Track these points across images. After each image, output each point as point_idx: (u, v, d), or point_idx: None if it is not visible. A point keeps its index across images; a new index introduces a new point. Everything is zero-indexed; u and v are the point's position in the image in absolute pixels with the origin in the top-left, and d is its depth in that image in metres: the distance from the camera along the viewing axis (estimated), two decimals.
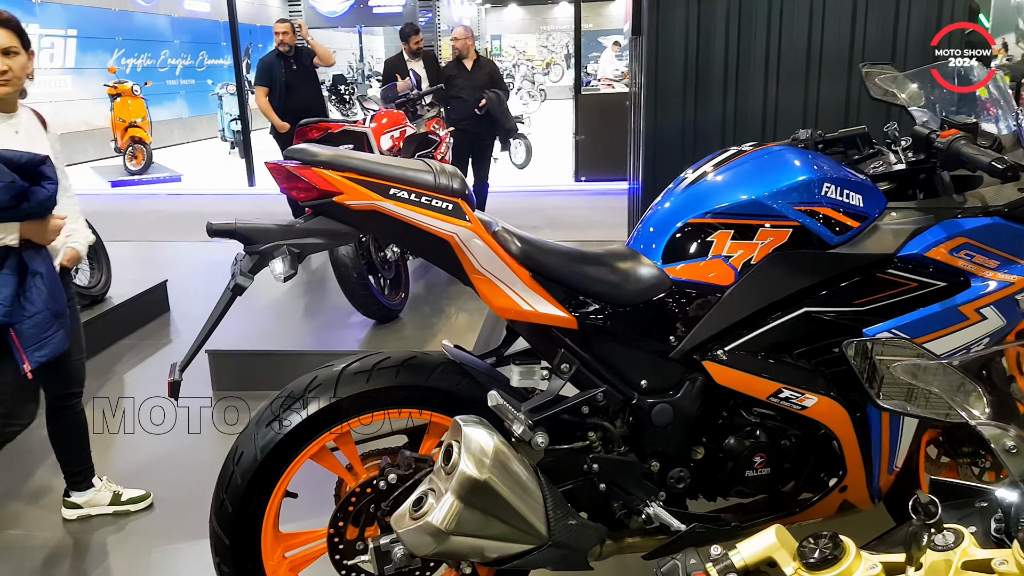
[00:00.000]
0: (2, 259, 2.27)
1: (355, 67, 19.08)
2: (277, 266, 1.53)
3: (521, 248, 1.66)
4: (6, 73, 2.31)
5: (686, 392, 1.81)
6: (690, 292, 1.78)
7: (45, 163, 2.28)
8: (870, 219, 1.81)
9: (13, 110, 2.45)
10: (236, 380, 4.00)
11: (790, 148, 1.90)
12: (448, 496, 1.53)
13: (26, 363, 2.29)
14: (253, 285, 1.57)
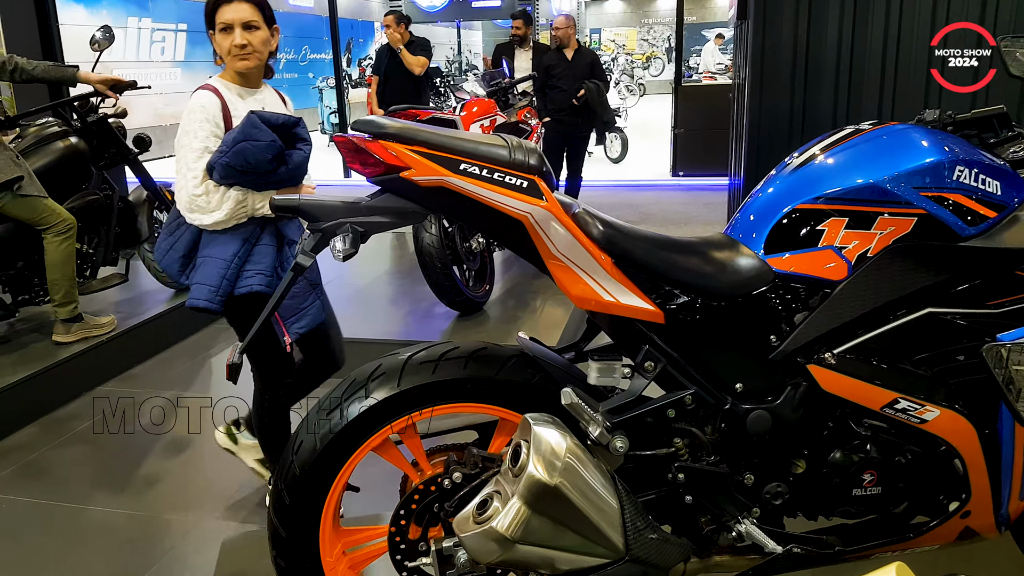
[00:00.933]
0: (260, 229, 2.28)
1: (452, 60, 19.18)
2: (338, 244, 1.43)
3: (603, 232, 1.51)
4: (246, 47, 2.26)
5: (787, 398, 1.62)
6: (796, 286, 1.59)
7: (299, 125, 2.26)
8: (1009, 208, 1.57)
9: (257, 86, 2.40)
10: None
11: (916, 127, 1.68)
12: (514, 501, 1.40)
13: (286, 335, 2.32)
14: (339, 272, 1.47)
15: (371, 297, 4.75)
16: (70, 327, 3.89)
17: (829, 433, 1.68)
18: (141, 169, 4.39)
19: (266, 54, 2.34)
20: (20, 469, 3.09)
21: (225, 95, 2.27)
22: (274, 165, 2.15)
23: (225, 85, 2.31)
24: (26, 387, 3.52)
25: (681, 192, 8.33)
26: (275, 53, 2.40)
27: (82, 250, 4.08)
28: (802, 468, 1.68)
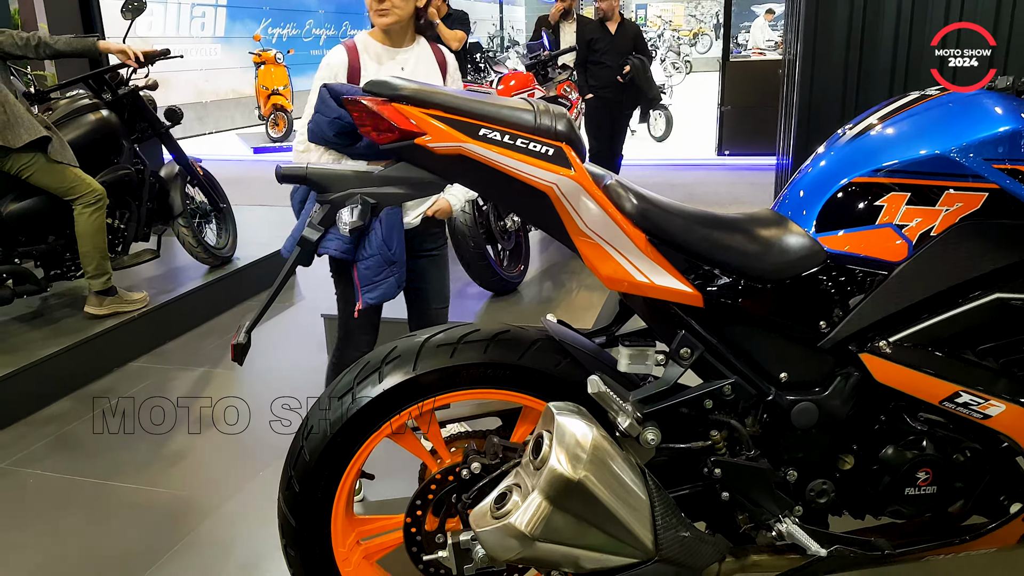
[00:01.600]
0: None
1: (494, 36, 18.96)
2: (344, 215, 1.33)
3: (637, 206, 1.38)
4: (384, 2, 2.19)
5: (836, 389, 1.49)
6: (850, 268, 1.45)
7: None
8: None
9: (402, 44, 2.33)
10: None
11: (988, 93, 1.51)
12: (535, 496, 1.29)
13: (359, 302, 2.35)
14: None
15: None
16: (103, 300, 3.87)
17: (881, 427, 1.55)
18: (173, 143, 4.34)
19: (409, 10, 2.25)
20: (50, 443, 3.08)
21: (361, 53, 2.23)
22: (347, 141, 2.04)
23: (366, 43, 2.27)
24: (58, 361, 3.51)
25: (726, 172, 8.10)
26: (425, 9, 2.34)
27: (114, 225, 4.06)
28: (850, 464, 1.55)
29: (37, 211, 3.66)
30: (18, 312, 4.05)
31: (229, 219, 4.91)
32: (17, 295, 3.67)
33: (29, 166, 3.51)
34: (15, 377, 3.32)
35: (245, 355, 1.45)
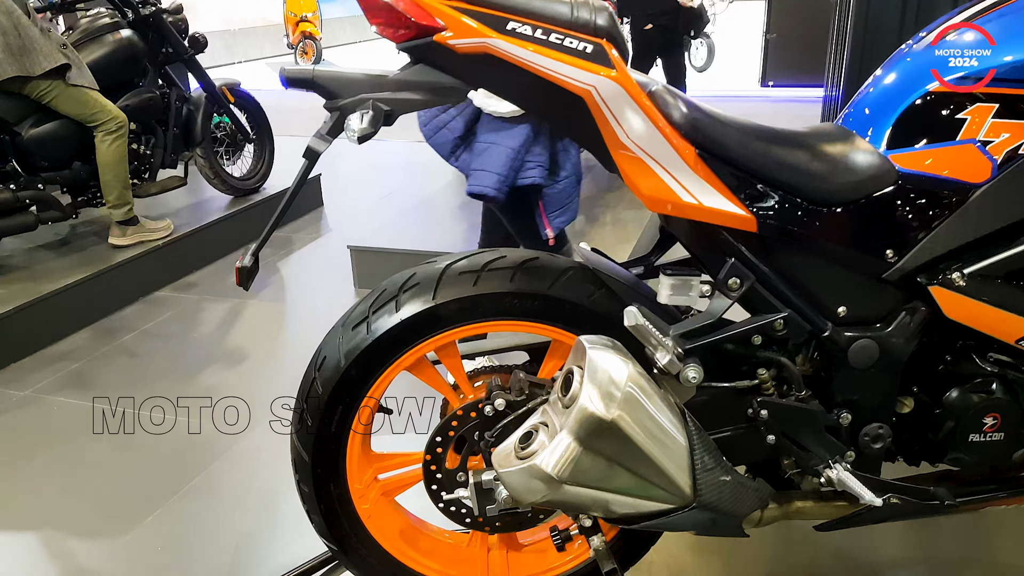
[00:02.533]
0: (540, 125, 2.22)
1: None
2: (353, 122, 1.19)
3: (687, 115, 1.22)
4: None
5: (900, 326, 1.34)
6: (923, 190, 1.28)
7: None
8: None
9: None
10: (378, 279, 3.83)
11: None
12: (563, 436, 1.18)
13: (548, 228, 2.30)
14: (406, 183, 1.22)
15: (433, 209, 4.53)
16: (126, 230, 3.81)
17: (946, 368, 1.40)
18: (198, 69, 4.20)
19: None
20: (74, 372, 3.05)
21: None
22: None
23: None
24: (81, 290, 3.46)
25: (771, 104, 7.78)
26: None
27: (139, 151, 3.96)
28: (909, 408, 1.42)
29: (59, 136, 3.56)
30: (45, 239, 4.01)
31: (267, 148, 4.79)
32: (42, 221, 3.61)
33: (49, 92, 3.41)
34: (39, 305, 3.28)
35: (251, 279, 1.33)
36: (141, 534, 2.10)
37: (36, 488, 2.33)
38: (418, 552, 1.51)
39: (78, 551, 2.05)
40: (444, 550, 1.55)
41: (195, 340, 3.31)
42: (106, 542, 2.08)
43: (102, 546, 2.07)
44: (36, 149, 3.53)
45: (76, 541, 2.09)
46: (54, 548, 2.07)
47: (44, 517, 2.19)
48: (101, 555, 2.03)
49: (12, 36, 3.21)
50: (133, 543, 2.07)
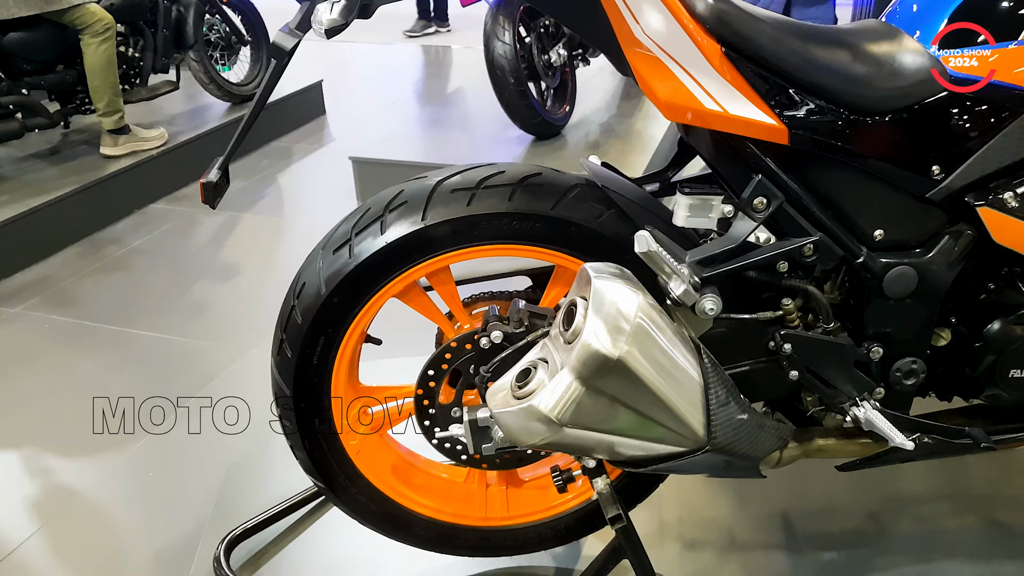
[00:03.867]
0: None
1: None
2: (322, 11, 1.03)
3: (713, 6, 1.05)
4: None
5: (943, 250, 1.20)
6: (979, 97, 1.12)
7: None
8: None
9: None
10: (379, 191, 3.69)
11: None
12: (564, 374, 1.06)
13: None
14: (409, 93, 1.07)
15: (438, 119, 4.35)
16: (117, 139, 3.66)
17: (990, 298, 1.27)
18: None
19: None
20: (62, 290, 2.96)
21: None
22: None
23: None
24: (72, 203, 3.34)
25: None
26: None
27: (127, 54, 3.77)
28: (946, 340, 1.29)
29: (40, 37, 3.38)
30: (36, 148, 3.86)
31: (264, 52, 4.57)
32: (28, 129, 3.46)
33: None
34: (29, 217, 3.17)
35: (219, 196, 1.21)
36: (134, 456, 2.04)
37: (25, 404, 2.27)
38: (411, 489, 1.43)
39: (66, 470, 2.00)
40: (439, 486, 1.47)
41: (189, 256, 3.21)
42: (98, 463, 2.02)
43: (93, 466, 2.01)
44: (17, 51, 3.36)
45: (66, 461, 2.04)
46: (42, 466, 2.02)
47: (32, 435, 2.14)
48: (92, 475, 1.98)
49: None
50: (124, 465, 2.01)
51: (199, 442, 2.07)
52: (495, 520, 1.47)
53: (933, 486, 1.76)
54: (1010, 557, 1.57)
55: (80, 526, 1.84)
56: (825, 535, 1.64)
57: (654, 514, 1.68)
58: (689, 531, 1.65)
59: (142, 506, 1.89)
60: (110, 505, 1.90)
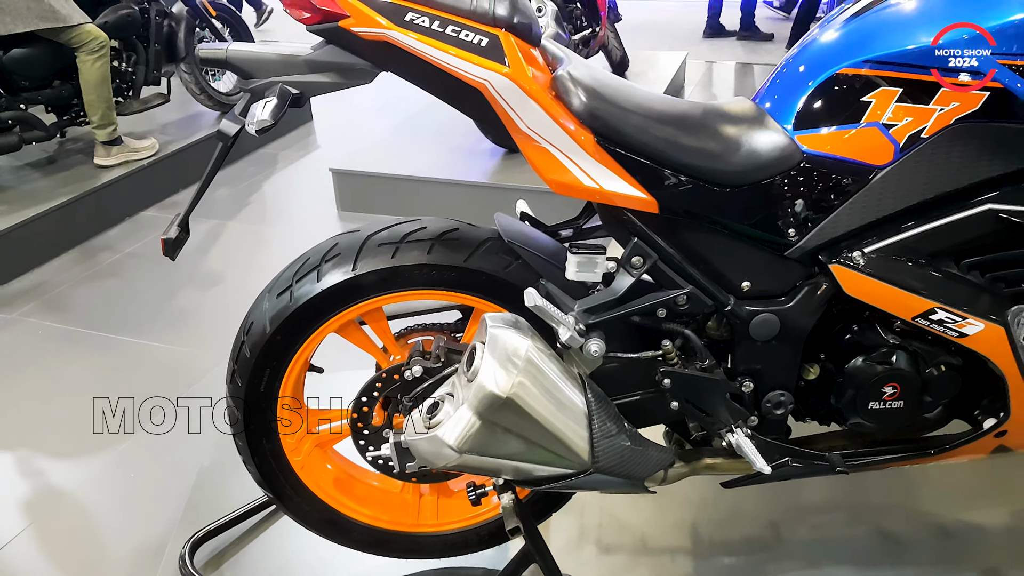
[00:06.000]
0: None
1: None
2: (256, 111, 1.22)
3: (586, 103, 1.24)
4: None
5: (803, 301, 1.38)
6: (827, 171, 1.31)
7: None
8: None
9: None
10: (358, 201, 3.88)
11: None
12: (464, 409, 1.25)
13: None
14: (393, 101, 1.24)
15: (415, 130, 4.51)
16: (110, 149, 3.85)
17: (851, 338, 1.45)
18: None
19: None
20: (56, 296, 3.15)
21: None
22: None
23: None
24: (66, 211, 3.54)
25: None
26: None
27: (121, 69, 3.95)
28: (814, 375, 1.48)
29: (38, 56, 3.57)
30: (33, 158, 4.05)
31: None
32: (25, 142, 3.65)
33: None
34: (25, 227, 3.36)
35: (179, 249, 1.39)
36: (119, 457, 2.23)
37: (15, 407, 2.47)
38: (352, 499, 1.62)
39: (54, 472, 2.20)
40: (377, 496, 1.66)
41: (177, 263, 3.39)
42: (84, 464, 2.22)
43: (80, 467, 2.21)
44: (16, 69, 3.54)
45: (53, 462, 2.23)
46: (30, 468, 2.22)
47: (22, 437, 2.33)
48: (78, 476, 2.17)
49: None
50: (110, 467, 2.21)
51: (179, 444, 2.27)
52: (426, 526, 1.66)
53: (833, 497, 1.94)
54: (892, 564, 1.76)
55: (63, 526, 2.04)
56: (727, 542, 1.83)
57: (575, 519, 1.87)
58: (606, 536, 1.84)
59: (122, 507, 2.09)
60: (93, 506, 2.10)
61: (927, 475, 1.98)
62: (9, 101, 3.57)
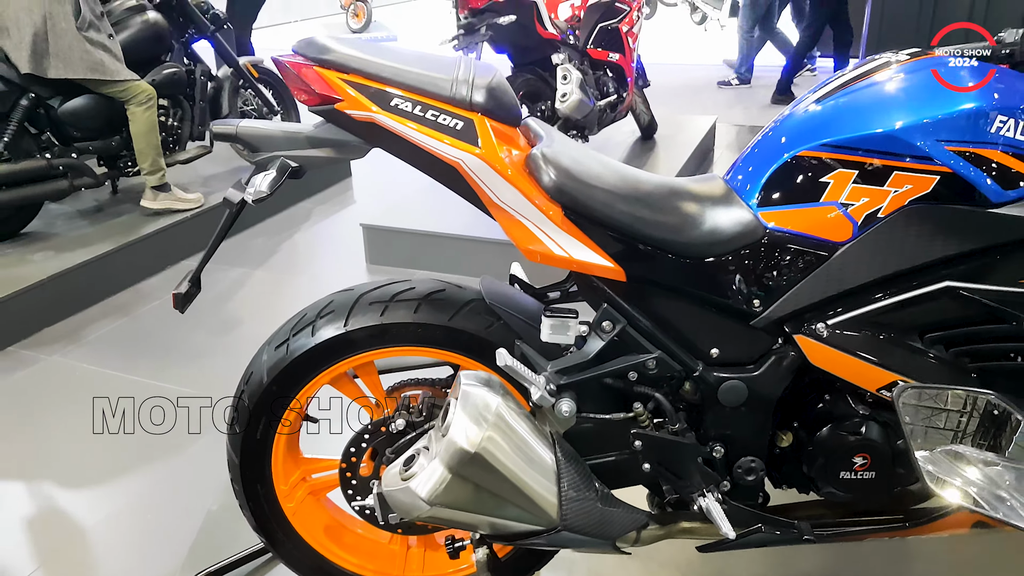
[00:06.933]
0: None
1: None
2: (257, 182, 1.34)
3: (555, 180, 1.33)
4: None
5: (770, 369, 1.44)
6: (789, 246, 1.37)
7: None
8: None
9: None
10: (387, 255, 4.02)
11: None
12: (436, 463, 1.33)
13: None
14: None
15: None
16: (157, 195, 4.07)
17: (823, 407, 1.50)
18: (221, 46, 4.40)
19: None
20: (97, 339, 3.31)
21: None
22: None
23: None
24: (111, 259, 3.72)
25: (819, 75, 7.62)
26: None
27: (167, 123, 4.19)
28: (787, 443, 1.52)
29: (90, 109, 3.81)
30: (84, 206, 4.29)
31: (293, 121, 4.99)
32: (75, 188, 3.85)
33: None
34: (73, 272, 3.55)
35: (188, 303, 1.50)
36: (128, 502, 2.34)
37: (45, 446, 2.60)
38: (341, 548, 1.70)
39: (67, 513, 2.31)
40: (366, 546, 1.73)
41: (209, 309, 3.55)
42: (93, 506, 2.33)
43: (88, 510, 2.31)
44: (69, 121, 3.79)
45: (67, 503, 2.34)
46: (45, 507, 2.33)
47: (44, 477, 2.45)
48: (88, 519, 2.28)
49: (40, 39, 3.48)
50: (118, 511, 2.31)
51: (190, 484, 2.37)
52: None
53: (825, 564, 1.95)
54: None
55: (73, 567, 2.14)
56: None
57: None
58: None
59: (132, 547, 2.18)
60: (103, 546, 2.19)
61: (925, 547, 1.98)
62: (61, 150, 3.82)
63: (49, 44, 3.52)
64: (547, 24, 4.11)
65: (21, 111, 3.60)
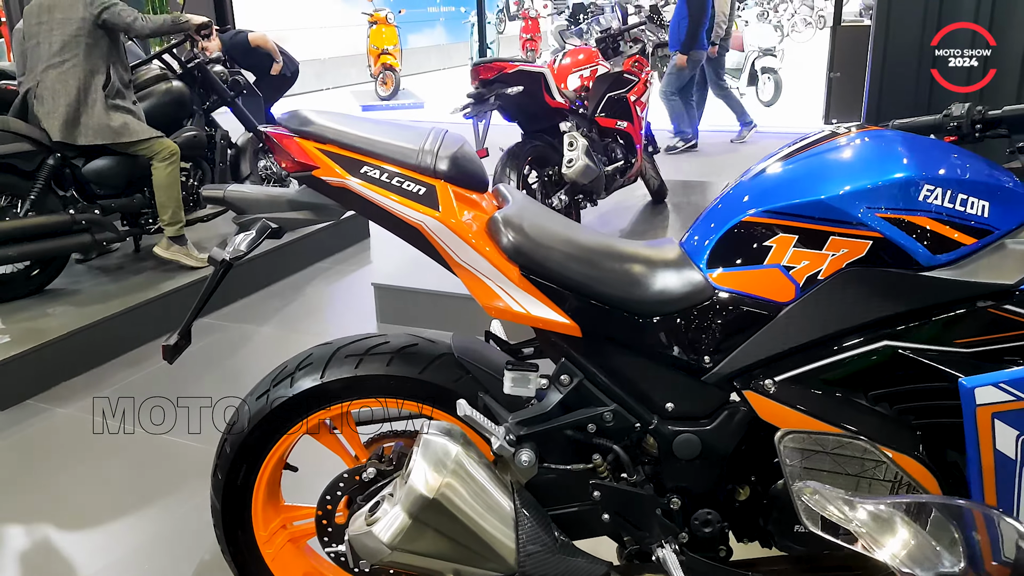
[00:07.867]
0: None
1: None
2: (236, 241, 1.46)
3: (512, 242, 1.43)
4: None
5: (723, 423, 1.50)
6: (735, 306, 1.45)
7: None
8: (996, 234, 1.34)
9: None
10: (397, 314, 4.13)
11: (898, 135, 1.46)
12: (397, 509, 1.40)
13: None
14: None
15: None
16: (171, 245, 4.24)
17: (770, 463, 1.55)
18: (241, 112, 4.63)
19: None
20: (113, 393, 3.43)
21: None
22: None
23: None
24: (130, 316, 3.87)
25: None
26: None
27: (187, 183, 4.40)
28: (745, 496, 1.57)
29: (113, 168, 4.04)
30: (106, 263, 4.49)
31: None
32: (97, 243, 4.04)
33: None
34: (93, 328, 3.70)
35: (178, 354, 1.61)
36: (129, 550, 2.42)
37: (60, 498, 2.69)
38: None
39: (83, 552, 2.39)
40: None
41: (219, 366, 3.66)
42: (97, 554, 2.41)
43: (105, 552, 2.39)
44: (93, 179, 4.02)
45: (73, 551, 2.43)
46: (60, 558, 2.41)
47: (60, 528, 2.54)
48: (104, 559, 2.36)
49: (72, 109, 3.72)
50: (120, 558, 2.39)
51: (191, 532, 2.44)
52: None
53: None
54: None
55: None
56: None
57: None
58: None
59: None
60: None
61: None
62: (85, 206, 4.02)
63: (81, 115, 3.75)
64: (555, 94, 4.28)
65: (47, 170, 3.82)
